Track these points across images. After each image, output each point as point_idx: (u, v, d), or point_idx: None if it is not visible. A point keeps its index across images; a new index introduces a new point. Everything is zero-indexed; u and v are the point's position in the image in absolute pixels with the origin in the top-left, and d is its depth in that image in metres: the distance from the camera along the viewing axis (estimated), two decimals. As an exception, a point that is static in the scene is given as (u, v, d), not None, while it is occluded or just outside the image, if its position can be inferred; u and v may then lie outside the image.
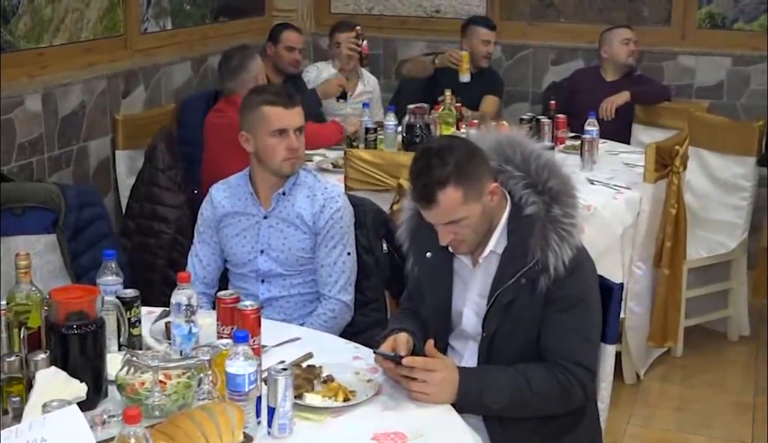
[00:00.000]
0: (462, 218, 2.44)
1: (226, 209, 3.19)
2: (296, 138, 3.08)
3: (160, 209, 4.19)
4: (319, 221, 3.10)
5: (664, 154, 4.28)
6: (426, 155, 2.44)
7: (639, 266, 4.34)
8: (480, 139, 2.58)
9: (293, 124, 3.09)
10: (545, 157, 2.50)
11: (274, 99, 3.09)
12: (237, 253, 3.16)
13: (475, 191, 2.43)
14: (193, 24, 5.57)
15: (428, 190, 2.41)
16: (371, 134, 4.78)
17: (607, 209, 4.15)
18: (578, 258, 2.45)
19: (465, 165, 2.42)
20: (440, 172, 2.40)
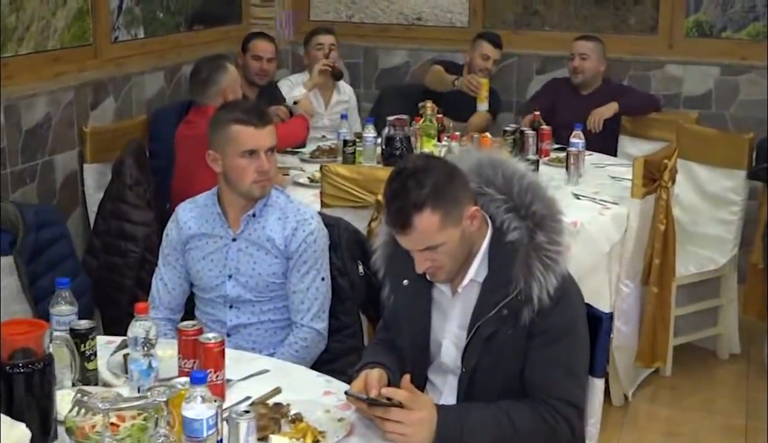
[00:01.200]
0: (439, 244, 2.28)
1: (192, 230, 3.02)
2: (267, 159, 2.91)
3: (127, 227, 4.01)
4: (291, 245, 2.94)
5: (652, 168, 4.13)
6: (401, 177, 2.28)
7: (626, 284, 4.19)
8: (459, 159, 2.41)
9: (264, 144, 2.91)
10: (528, 178, 2.34)
11: (245, 118, 2.91)
12: (203, 277, 2.99)
13: (453, 216, 2.28)
14: (167, 32, 5.40)
15: (403, 214, 2.26)
16: (349, 146, 4.62)
17: (593, 226, 4.00)
18: (564, 287, 2.29)
19: (443, 187, 2.26)
20: (416, 195, 2.24)
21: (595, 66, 5.37)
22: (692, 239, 4.77)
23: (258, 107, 3.04)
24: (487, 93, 5.34)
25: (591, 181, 4.52)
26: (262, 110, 2.99)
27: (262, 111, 2.98)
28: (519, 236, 2.29)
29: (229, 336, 2.94)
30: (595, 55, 5.35)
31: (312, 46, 5.49)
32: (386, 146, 4.54)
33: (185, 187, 3.77)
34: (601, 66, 5.39)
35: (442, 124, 4.98)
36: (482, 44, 5.60)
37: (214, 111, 3.14)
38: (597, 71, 5.38)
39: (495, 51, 5.59)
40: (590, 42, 5.37)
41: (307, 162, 4.79)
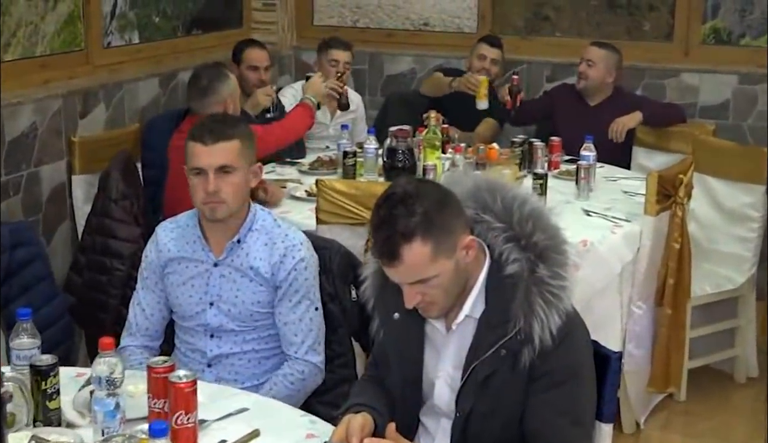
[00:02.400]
0: (431, 277, 2.08)
1: (171, 252, 2.81)
2: (215, 179, 2.67)
3: (112, 244, 3.81)
4: (279, 274, 2.73)
5: (666, 184, 3.92)
6: (388, 203, 2.08)
7: (639, 305, 3.98)
8: (454, 182, 2.21)
9: (211, 163, 2.67)
10: (530, 205, 2.13)
11: (196, 133, 2.71)
12: (183, 304, 2.79)
13: (446, 246, 2.07)
14: (163, 37, 5.21)
15: (391, 244, 2.06)
16: (350, 158, 4.41)
17: (604, 245, 3.79)
18: (568, 326, 2.09)
19: (435, 215, 2.06)
20: (405, 223, 2.04)
21: (602, 75, 5.11)
22: (708, 257, 4.56)
23: (218, 122, 2.78)
24: (486, 91, 5.12)
25: (602, 196, 4.31)
26: (217, 127, 2.72)
27: (215, 128, 2.71)
28: (519, 268, 2.09)
29: (209, 367, 2.75)
30: (604, 63, 5.09)
31: (326, 59, 5.23)
32: (388, 158, 4.35)
33: (178, 199, 3.57)
34: (609, 77, 5.12)
35: (447, 134, 4.77)
36: (478, 45, 5.40)
37: None
38: (603, 81, 5.12)
39: (492, 50, 5.38)
40: (601, 49, 5.13)
41: (306, 174, 4.60)
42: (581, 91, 5.14)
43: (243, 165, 2.72)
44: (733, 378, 4.61)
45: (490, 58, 5.35)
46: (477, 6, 5.89)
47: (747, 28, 5.42)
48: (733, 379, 4.60)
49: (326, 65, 5.19)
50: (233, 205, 2.70)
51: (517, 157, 4.61)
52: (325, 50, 5.24)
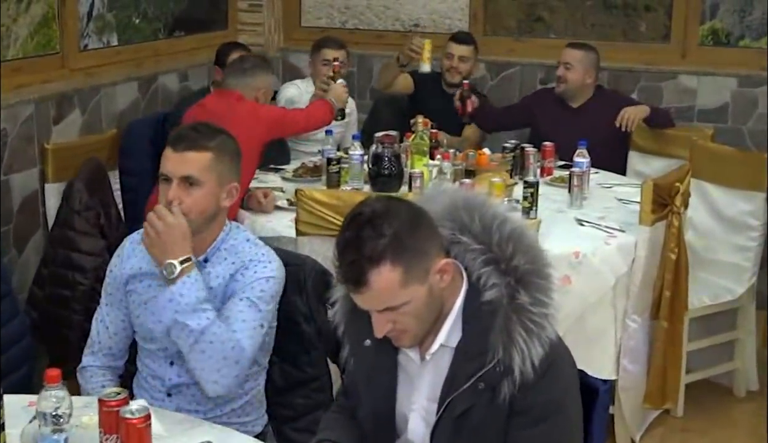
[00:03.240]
0: (402, 304, 1.92)
1: (133, 268, 2.61)
2: (178, 189, 2.46)
3: (75, 257, 3.64)
4: (233, 285, 2.50)
5: (662, 192, 3.76)
6: (355, 224, 1.92)
7: (634, 319, 3.81)
8: (429, 200, 2.05)
9: (176, 171, 2.46)
10: (511, 225, 1.97)
11: (171, 137, 2.53)
12: (144, 325, 2.59)
13: (418, 270, 1.91)
14: (143, 39, 5.04)
15: (357, 269, 1.90)
16: (334, 165, 4.25)
17: (597, 257, 3.64)
18: (552, 357, 1.92)
19: (406, 236, 1.90)
20: (373, 245, 1.88)
21: (580, 77, 4.93)
22: (706, 267, 4.39)
23: (196, 130, 2.54)
24: (429, 54, 4.93)
25: (596, 203, 4.16)
26: (197, 134, 2.50)
27: (195, 135, 2.50)
28: (498, 294, 1.92)
29: (169, 396, 2.55)
30: (581, 65, 4.92)
31: (319, 59, 5.04)
32: (373, 165, 4.19)
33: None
34: (588, 78, 4.95)
35: (436, 140, 4.61)
36: (447, 43, 5.25)
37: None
38: (583, 83, 4.95)
39: (459, 47, 5.20)
40: (578, 51, 4.95)
41: (289, 181, 4.43)
42: (561, 95, 4.97)
43: (211, 180, 2.49)
44: (733, 392, 4.45)
45: (457, 56, 5.20)
46: (468, 6, 5.75)
47: (746, 29, 5.27)
48: (733, 393, 4.44)
49: (319, 65, 5.02)
50: (194, 220, 2.48)
51: (509, 163, 4.46)
52: (317, 50, 5.07)
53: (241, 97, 4.05)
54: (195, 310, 2.40)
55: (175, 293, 2.41)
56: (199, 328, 2.39)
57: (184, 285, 2.41)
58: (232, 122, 3.94)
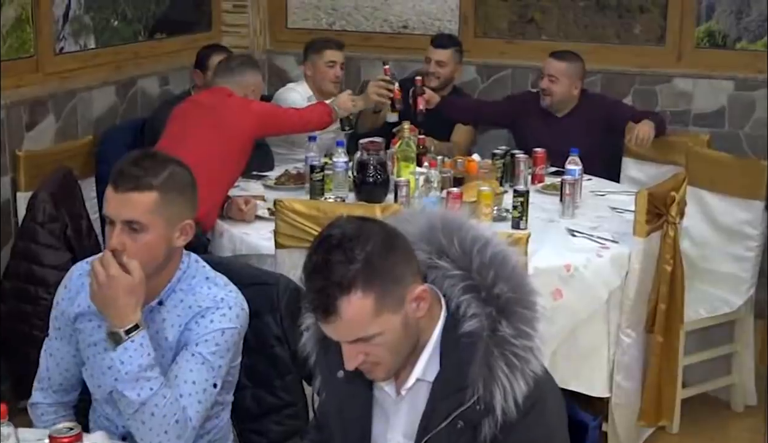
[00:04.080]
0: (374, 334, 1.78)
1: (81, 306, 2.37)
2: (121, 235, 2.20)
3: (37, 270, 3.47)
4: (185, 337, 2.27)
5: (657, 202, 3.61)
6: (324, 247, 1.78)
7: (628, 333, 3.67)
8: (405, 221, 1.90)
9: (118, 215, 2.21)
10: (493, 249, 1.82)
11: (116, 173, 2.24)
12: (91, 368, 2.37)
13: (392, 298, 1.77)
14: (123, 42, 4.89)
15: (325, 297, 1.75)
16: (317, 173, 4.10)
17: (589, 270, 3.50)
18: (537, 393, 1.77)
19: (379, 261, 1.76)
20: (343, 271, 1.74)
21: (566, 90, 4.78)
22: (703, 277, 4.25)
23: (139, 166, 2.24)
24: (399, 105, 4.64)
25: (589, 212, 4.02)
26: (142, 171, 2.23)
27: (138, 172, 2.22)
28: (478, 325, 1.77)
29: (125, 439, 2.36)
30: (567, 78, 4.76)
31: (322, 61, 4.90)
32: (358, 173, 4.05)
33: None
34: (574, 89, 4.80)
35: (423, 146, 4.46)
36: (426, 49, 5.10)
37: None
38: (569, 95, 4.80)
39: (437, 51, 5.05)
40: (563, 62, 4.77)
41: (272, 189, 4.28)
42: (547, 108, 4.83)
43: (159, 223, 2.23)
44: (730, 407, 4.29)
45: (434, 61, 5.04)
46: (459, 7, 5.61)
47: (744, 31, 5.13)
48: (730, 408, 4.29)
49: (322, 67, 4.88)
50: (143, 265, 2.21)
51: (498, 170, 4.31)
52: (319, 51, 4.92)
53: (230, 94, 4.02)
54: (137, 379, 2.17)
55: (115, 360, 2.17)
56: (139, 399, 2.16)
57: (126, 352, 2.17)
58: (223, 113, 3.91)
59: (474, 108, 5.11)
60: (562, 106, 4.84)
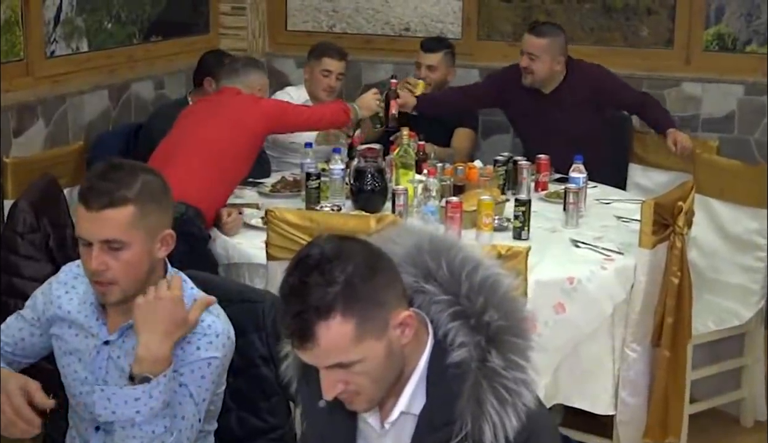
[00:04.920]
0: (354, 361, 1.66)
1: (62, 310, 2.29)
2: (102, 255, 2.10)
3: (17, 283, 3.32)
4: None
5: (664, 212, 3.48)
6: (301, 268, 1.66)
7: (633, 348, 3.54)
8: (389, 241, 1.77)
9: (96, 234, 2.10)
10: (483, 273, 1.69)
11: (85, 190, 2.13)
12: (68, 377, 2.29)
13: (375, 323, 1.65)
14: (116, 45, 4.77)
15: (302, 321, 1.64)
16: (313, 180, 3.98)
17: (593, 283, 3.37)
18: (529, 429, 1.65)
19: (360, 284, 1.64)
20: (321, 294, 1.63)
21: (547, 67, 4.56)
22: (712, 289, 4.12)
23: (111, 179, 2.13)
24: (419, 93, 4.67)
25: (593, 222, 3.89)
26: (114, 185, 2.12)
27: (111, 187, 2.11)
28: (466, 355, 1.65)
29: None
30: (548, 54, 4.54)
31: (318, 68, 4.77)
32: (355, 181, 3.93)
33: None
34: (556, 65, 4.58)
35: (423, 151, 4.33)
36: (418, 54, 4.98)
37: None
38: (552, 71, 4.59)
39: (426, 56, 4.92)
40: (541, 38, 4.56)
41: (267, 197, 4.16)
42: (530, 86, 4.63)
43: (139, 237, 2.14)
44: (739, 422, 4.17)
45: (425, 65, 4.92)
46: (462, 10, 5.49)
47: (753, 33, 5.02)
48: (739, 423, 4.17)
49: (317, 74, 4.76)
50: (127, 286, 2.15)
51: (500, 178, 4.18)
52: (317, 58, 4.80)
53: (239, 92, 3.96)
54: (156, 415, 2.08)
55: (144, 395, 2.06)
56: (153, 435, 2.08)
57: (157, 386, 2.06)
58: (233, 109, 3.85)
59: (454, 98, 4.88)
60: (547, 83, 4.62)
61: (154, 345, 2.07)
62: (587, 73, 4.65)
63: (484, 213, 3.58)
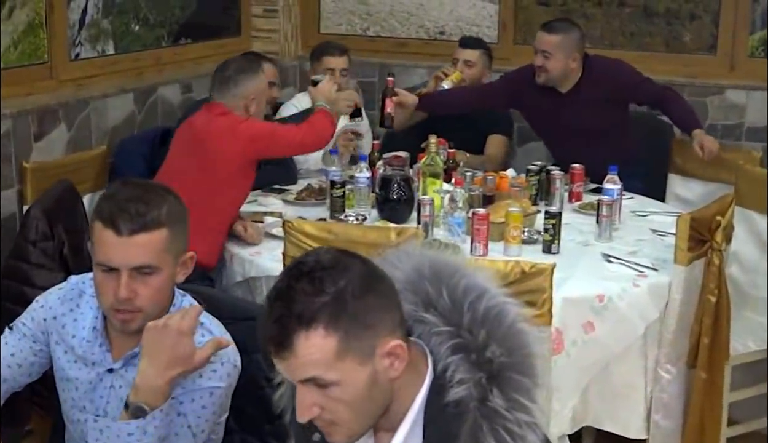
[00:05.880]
0: (331, 382, 1.54)
1: (65, 329, 2.19)
2: (131, 282, 2.01)
3: (28, 292, 3.22)
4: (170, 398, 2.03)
5: (701, 227, 3.33)
6: (292, 273, 1.56)
7: (668, 369, 3.38)
8: (390, 264, 1.64)
9: (127, 262, 2.01)
10: (486, 303, 1.56)
11: (107, 214, 2.01)
12: (65, 400, 2.20)
13: (360, 346, 1.53)
14: (144, 48, 4.69)
15: (281, 328, 1.53)
16: (337, 189, 3.86)
17: (624, 300, 3.23)
18: (536, 475, 1.52)
19: (351, 299, 1.53)
20: (306, 303, 1.52)
21: (562, 65, 4.38)
22: (753, 305, 3.94)
23: (140, 200, 2.03)
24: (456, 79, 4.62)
25: (627, 236, 3.74)
26: (145, 207, 2.02)
27: (143, 208, 2.01)
28: (466, 393, 1.52)
29: None
30: (561, 52, 4.36)
31: (321, 68, 4.64)
32: (381, 190, 3.81)
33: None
34: (572, 62, 4.39)
35: (453, 159, 4.20)
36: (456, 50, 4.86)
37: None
38: (567, 69, 4.40)
39: (464, 51, 4.80)
40: (554, 35, 4.38)
41: (291, 205, 4.05)
42: (544, 84, 4.46)
43: (169, 262, 2.07)
44: (781, 446, 3.99)
45: (462, 60, 4.79)
46: (498, 13, 5.34)
47: (801, 39, 4.82)
48: (781, 447, 3.99)
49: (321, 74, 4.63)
50: (151, 313, 2.05)
51: (533, 187, 4.04)
52: (317, 58, 4.69)
53: (224, 112, 3.62)
54: None
55: (137, 431, 1.96)
56: None
57: (153, 421, 1.96)
58: (209, 140, 3.56)
59: (462, 97, 4.70)
60: (563, 82, 4.45)
61: (152, 374, 1.97)
62: (605, 69, 4.47)
63: (512, 225, 3.44)
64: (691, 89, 4.94)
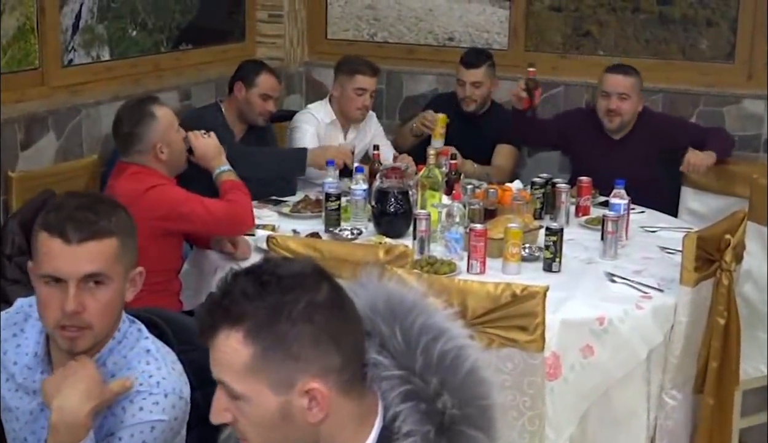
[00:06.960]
0: (239, 394, 1.45)
1: (7, 355, 2.04)
2: (80, 294, 1.87)
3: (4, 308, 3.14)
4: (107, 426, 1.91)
5: (709, 247, 3.16)
6: (250, 270, 1.47)
7: (673, 395, 3.22)
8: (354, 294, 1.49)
9: (77, 270, 1.87)
10: (443, 345, 1.41)
11: (54, 222, 1.88)
12: (7, 432, 2.06)
13: (276, 371, 1.42)
14: (141, 53, 4.57)
15: (210, 316, 1.46)
16: (332, 201, 3.72)
17: (626, 324, 3.06)
18: None
19: (285, 321, 1.41)
20: (240, 302, 1.43)
21: (634, 108, 4.37)
22: (765, 325, 3.77)
23: (87, 208, 1.91)
24: (442, 129, 4.43)
25: (634, 253, 3.58)
26: (94, 215, 1.90)
27: (91, 216, 1.89)
28: (414, 447, 1.37)
29: None
30: (636, 94, 4.35)
31: (351, 86, 4.44)
32: (377, 202, 3.67)
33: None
34: (639, 106, 4.39)
35: (455, 171, 4.05)
36: (457, 67, 4.69)
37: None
38: (635, 112, 4.39)
39: (469, 72, 4.63)
40: (629, 77, 4.35)
41: (287, 218, 3.91)
42: (613, 130, 4.38)
43: (120, 274, 1.94)
44: (795, 475, 3.81)
45: (469, 83, 4.63)
46: (509, 20, 5.18)
47: (822, 48, 4.64)
48: (795, 476, 3.81)
49: (349, 92, 4.44)
50: (100, 331, 1.92)
51: (537, 201, 3.88)
52: (350, 75, 4.45)
53: (134, 172, 3.33)
54: None
55: None
56: None
57: None
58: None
59: (539, 128, 4.65)
60: (624, 128, 4.41)
61: (70, 409, 1.82)
62: (659, 122, 4.46)
63: (511, 242, 3.29)
64: (707, 98, 4.79)
